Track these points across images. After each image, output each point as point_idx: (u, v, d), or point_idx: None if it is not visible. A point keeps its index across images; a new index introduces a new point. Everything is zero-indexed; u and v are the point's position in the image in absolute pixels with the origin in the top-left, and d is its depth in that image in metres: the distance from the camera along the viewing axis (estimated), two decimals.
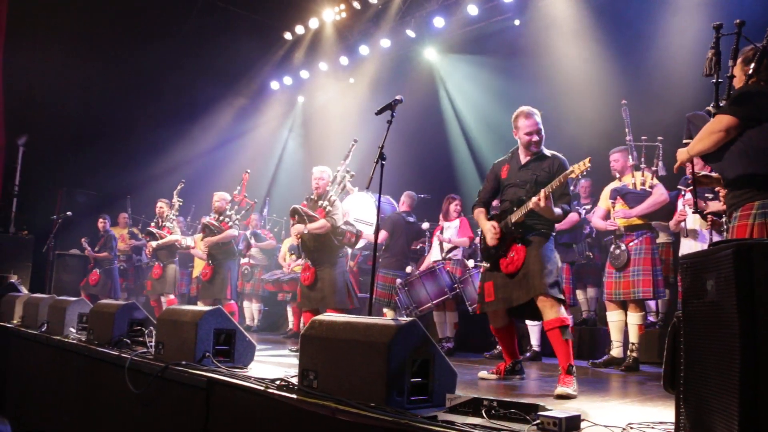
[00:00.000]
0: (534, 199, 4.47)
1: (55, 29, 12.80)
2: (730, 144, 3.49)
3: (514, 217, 4.73)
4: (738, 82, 3.67)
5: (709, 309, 2.19)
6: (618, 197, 6.38)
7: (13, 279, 10.30)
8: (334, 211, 6.82)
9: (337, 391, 3.13)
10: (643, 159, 6.64)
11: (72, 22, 12.74)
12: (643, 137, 6.76)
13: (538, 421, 2.64)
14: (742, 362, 1.94)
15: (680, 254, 6.55)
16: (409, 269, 8.11)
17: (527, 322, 6.79)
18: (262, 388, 3.47)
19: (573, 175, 4.42)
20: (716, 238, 5.71)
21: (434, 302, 7.32)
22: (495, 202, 5.38)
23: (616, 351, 6.34)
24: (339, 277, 6.77)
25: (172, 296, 9.57)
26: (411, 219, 8.54)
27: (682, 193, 6.41)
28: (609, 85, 8.76)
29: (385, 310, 8.10)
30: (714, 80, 3.66)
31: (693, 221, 6.36)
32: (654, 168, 6.65)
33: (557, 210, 4.57)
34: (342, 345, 3.22)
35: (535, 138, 4.82)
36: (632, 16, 9.05)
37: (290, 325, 10.06)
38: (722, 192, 4.10)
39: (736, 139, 3.47)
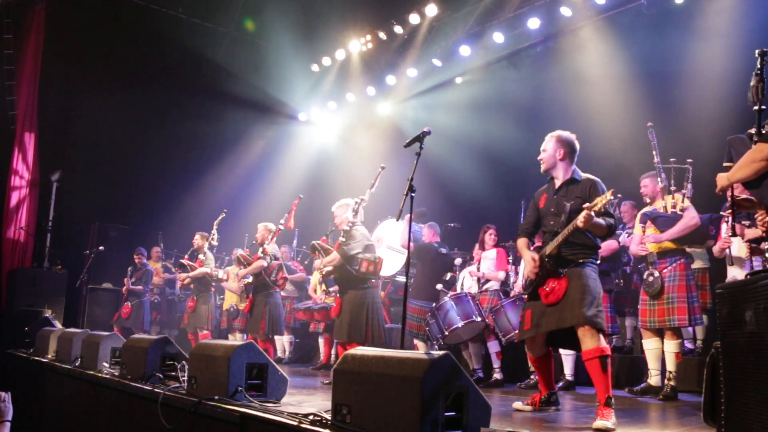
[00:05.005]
0: (578, 219, 4.38)
1: (87, 66, 13.08)
2: None
3: (548, 250, 4.69)
4: None
5: (749, 340, 2.14)
6: (648, 221, 6.30)
7: (48, 314, 10.42)
8: (347, 242, 6.83)
9: (371, 426, 3.11)
10: (672, 181, 6.54)
11: (104, 57, 13.00)
12: (671, 159, 6.68)
13: None
14: None
15: (727, 281, 6.44)
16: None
17: (561, 351, 6.71)
18: (296, 423, 3.46)
19: (596, 209, 4.31)
20: (756, 265, 5.59)
21: (464, 323, 7.18)
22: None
23: (654, 379, 6.21)
24: (357, 309, 6.72)
25: (206, 331, 9.58)
26: (443, 250, 8.48)
27: (725, 218, 6.27)
28: (637, 108, 8.71)
29: (416, 341, 8.03)
30: (756, 107, 3.53)
31: (738, 249, 6.22)
32: (684, 191, 6.53)
33: (600, 221, 4.44)
34: (375, 379, 3.20)
35: (540, 156, 4.90)
36: (658, 39, 9.01)
37: (321, 357, 10.02)
38: (759, 217, 3.99)
39: None
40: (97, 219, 13.40)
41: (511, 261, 8.02)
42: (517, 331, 6.86)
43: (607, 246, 5.07)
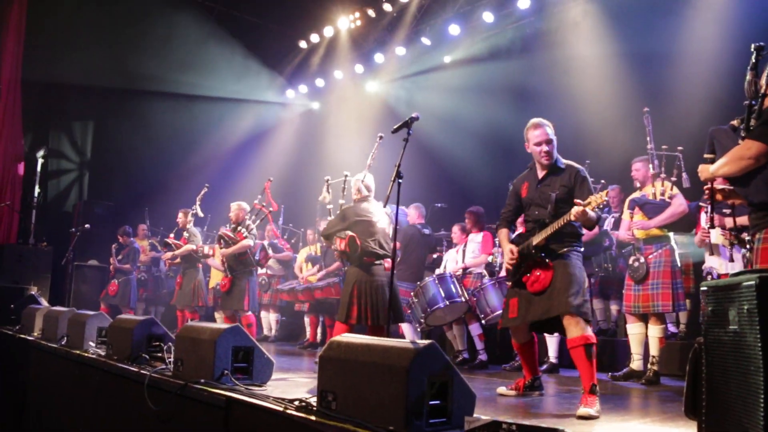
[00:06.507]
0: (571, 214, 4.41)
1: (72, 39, 12.91)
2: (757, 171, 3.33)
3: (535, 240, 4.69)
4: None
5: (732, 339, 2.16)
6: (636, 207, 6.32)
7: (33, 291, 10.37)
8: (330, 220, 6.56)
9: (356, 414, 3.11)
10: (663, 168, 6.55)
11: (88, 29, 12.83)
12: (663, 146, 6.67)
13: None
14: (766, 398, 1.91)
15: (704, 269, 6.48)
16: None
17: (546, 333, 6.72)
18: (281, 409, 3.46)
19: (590, 207, 4.31)
20: (736, 254, 5.61)
21: (446, 303, 7.19)
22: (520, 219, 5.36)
23: (636, 364, 6.26)
24: (345, 288, 6.27)
25: (193, 308, 9.56)
26: (426, 231, 8.48)
27: (704, 208, 6.28)
28: (630, 93, 8.67)
29: (400, 324, 7.99)
30: (746, 101, 3.47)
31: (717, 237, 6.25)
32: (674, 178, 6.55)
33: (592, 214, 4.45)
34: (361, 367, 3.20)
35: (545, 148, 4.76)
36: (651, 20, 8.97)
37: (308, 336, 10.05)
38: (734, 203, 3.96)
39: (765, 166, 3.31)
40: (83, 196, 13.33)
41: (497, 243, 8.03)
42: (496, 313, 6.93)
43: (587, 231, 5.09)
